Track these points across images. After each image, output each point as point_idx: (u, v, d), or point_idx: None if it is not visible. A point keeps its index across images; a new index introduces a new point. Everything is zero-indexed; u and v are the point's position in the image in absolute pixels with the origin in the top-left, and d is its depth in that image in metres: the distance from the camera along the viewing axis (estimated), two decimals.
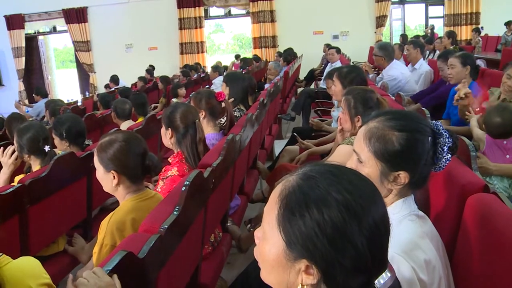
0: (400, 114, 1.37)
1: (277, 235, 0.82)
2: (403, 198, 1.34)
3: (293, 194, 0.82)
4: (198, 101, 2.90)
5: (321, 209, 0.78)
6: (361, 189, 0.82)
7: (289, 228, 0.80)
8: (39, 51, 14.23)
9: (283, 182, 0.86)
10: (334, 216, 0.78)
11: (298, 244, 0.80)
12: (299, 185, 0.82)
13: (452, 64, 3.71)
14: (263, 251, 0.86)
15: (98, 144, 1.92)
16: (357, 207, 0.79)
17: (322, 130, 4.16)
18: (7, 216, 2.18)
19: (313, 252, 0.79)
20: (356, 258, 0.78)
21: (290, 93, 7.91)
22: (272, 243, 0.84)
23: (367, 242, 0.78)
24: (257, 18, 12.16)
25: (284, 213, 0.81)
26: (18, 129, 2.77)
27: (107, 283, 1.11)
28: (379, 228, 0.81)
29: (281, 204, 0.82)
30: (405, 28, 13.12)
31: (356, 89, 2.53)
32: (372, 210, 0.81)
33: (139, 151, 1.93)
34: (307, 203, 0.79)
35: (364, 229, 0.78)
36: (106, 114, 5.00)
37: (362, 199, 0.80)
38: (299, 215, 0.79)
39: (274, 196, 0.85)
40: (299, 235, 0.79)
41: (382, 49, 5.10)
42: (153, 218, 1.52)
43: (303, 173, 0.85)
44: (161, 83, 8.35)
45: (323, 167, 0.85)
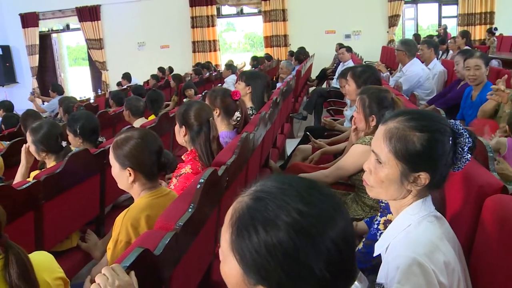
0: (420, 114, 1.35)
1: (233, 260, 0.80)
2: (422, 199, 1.32)
3: (242, 217, 0.79)
4: (213, 99, 2.89)
5: (269, 233, 0.75)
6: (316, 207, 0.78)
7: (242, 253, 0.78)
8: (53, 49, 14.36)
9: (234, 204, 0.83)
10: (284, 240, 0.75)
11: (252, 271, 0.78)
12: (248, 207, 0.79)
13: (477, 65, 3.67)
14: (224, 272, 0.85)
15: (113, 141, 1.93)
16: (310, 229, 0.76)
17: (334, 129, 4.15)
18: (23, 211, 2.20)
19: (269, 279, 0.77)
20: (315, 282, 0.76)
21: (302, 92, 7.90)
22: (230, 267, 0.82)
23: (325, 265, 0.76)
24: (269, 17, 12.13)
25: (235, 239, 0.79)
26: (31, 128, 2.79)
27: (126, 282, 1.11)
28: (338, 248, 0.77)
29: (232, 229, 0.80)
30: (418, 28, 13.00)
31: (371, 89, 2.52)
32: (330, 229, 0.77)
33: (155, 148, 1.92)
34: (255, 226, 0.77)
35: (321, 253, 0.75)
36: (119, 112, 5.03)
37: (316, 219, 0.77)
38: (249, 239, 0.77)
39: (227, 220, 0.83)
40: (251, 262, 0.77)
41: (404, 44, 5.06)
42: (168, 215, 1.52)
43: (253, 193, 0.81)
44: (173, 81, 8.37)
45: (275, 184, 0.81)
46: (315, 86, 9.25)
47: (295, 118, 6.60)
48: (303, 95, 8.14)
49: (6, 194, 1.99)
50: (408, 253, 1.19)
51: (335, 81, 7.35)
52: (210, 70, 10.16)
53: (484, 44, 9.48)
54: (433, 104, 4.43)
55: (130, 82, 9.83)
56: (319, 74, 9.77)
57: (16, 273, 1.35)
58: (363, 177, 1.42)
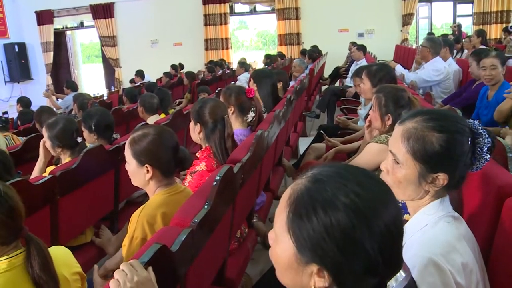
0: (439, 114, 1.33)
1: (288, 239, 0.82)
2: (440, 199, 1.30)
3: (301, 198, 0.81)
4: (228, 96, 2.89)
5: (328, 213, 0.77)
6: (371, 191, 0.80)
7: (298, 232, 0.80)
8: (67, 46, 14.50)
9: (292, 186, 0.85)
10: (342, 221, 0.76)
11: (307, 249, 0.79)
12: (307, 188, 0.81)
13: (493, 65, 3.62)
14: (276, 253, 0.86)
15: (130, 138, 1.91)
16: (366, 211, 0.77)
17: (348, 128, 4.13)
18: (39, 206, 2.22)
19: (323, 257, 0.78)
20: (367, 263, 0.77)
21: (314, 91, 7.88)
22: (283, 247, 0.83)
23: (378, 246, 0.77)
24: (282, 15, 12.11)
25: (293, 218, 0.81)
26: (47, 124, 2.81)
27: (145, 278, 1.11)
28: (390, 232, 0.79)
29: (289, 208, 0.82)
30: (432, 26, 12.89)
31: (388, 87, 2.50)
32: (383, 213, 0.79)
33: (172, 144, 1.92)
34: (315, 207, 0.78)
35: (375, 234, 0.77)
36: (132, 109, 5.06)
37: (372, 202, 0.79)
38: (307, 219, 0.79)
39: (284, 200, 0.84)
40: (308, 240, 0.79)
41: (430, 41, 5.03)
42: (184, 212, 1.53)
43: (312, 176, 0.83)
44: (186, 78, 8.39)
45: (332, 169, 0.84)
46: (328, 84, 9.22)
47: (308, 117, 6.58)
48: (316, 94, 8.12)
49: (23, 189, 2.00)
50: (424, 253, 1.18)
51: (348, 79, 7.32)
52: (223, 68, 10.18)
53: (501, 43, 9.36)
54: (449, 104, 4.40)
55: (143, 79, 9.87)
56: (332, 73, 9.74)
57: (38, 265, 1.37)
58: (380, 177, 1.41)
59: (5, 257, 1.38)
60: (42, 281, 1.37)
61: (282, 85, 4.74)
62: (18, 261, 1.39)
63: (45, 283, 1.38)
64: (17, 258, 1.40)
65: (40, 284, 1.38)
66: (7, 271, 1.37)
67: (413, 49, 8.79)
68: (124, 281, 1.08)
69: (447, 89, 4.89)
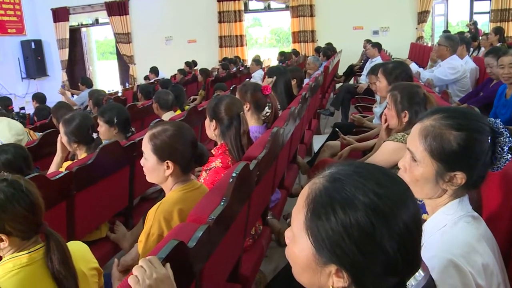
0: (457, 112, 1.30)
1: (306, 239, 0.81)
2: (458, 199, 1.28)
3: (319, 198, 0.80)
4: (244, 93, 2.88)
5: (347, 213, 0.76)
6: (390, 190, 0.79)
7: (317, 232, 0.79)
8: (82, 43, 14.64)
9: (309, 185, 0.84)
10: (361, 220, 0.75)
11: (326, 249, 0.78)
12: (325, 188, 0.80)
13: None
14: (293, 253, 0.85)
15: (149, 133, 1.88)
16: (386, 210, 0.76)
17: (363, 126, 4.10)
18: (56, 201, 2.24)
19: (342, 258, 0.77)
20: (387, 263, 0.76)
21: (329, 89, 7.84)
22: (301, 247, 0.82)
23: (397, 246, 0.76)
24: (297, 12, 12.08)
25: (311, 218, 0.80)
26: (63, 120, 2.84)
27: (163, 275, 1.11)
28: (410, 231, 0.78)
29: (308, 208, 0.81)
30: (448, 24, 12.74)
31: (402, 85, 2.48)
32: (402, 212, 0.77)
33: (191, 139, 1.90)
34: (333, 206, 0.77)
35: (394, 233, 0.76)
36: (147, 105, 5.08)
37: (391, 201, 0.77)
38: (326, 219, 0.78)
39: (302, 199, 0.83)
40: (326, 240, 0.78)
41: (448, 40, 4.97)
42: (201, 208, 1.53)
43: (330, 175, 0.82)
44: (200, 75, 8.40)
45: (350, 168, 0.83)
46: (342, 82, 9.18)
47: (322, 114, 6.55)
48: (330, 91, 8.08)
49: (41, 184, 2.01)
50: (444, 254, 1.16)
51: (363, 77, 7.27)
52: (237, 65, 10.18)
53: None
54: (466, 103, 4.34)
55: (158, 76, 9.91)
56: (346, 71, 9.69)
57: (58, 259, 1.38)
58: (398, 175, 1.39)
59: (26, 252, 1.40)
60: (61, 276, 1.39)
61: (297, 82, 4.73)
62: (38, 255, 1.41)
63: (64, 278, 1.39)
64: (37, 252, 1.41)
65: (59, 278, 1.39)
66: (27, 265, 1.39)
67: (429, 47, 8.71)
68: (143, 278, 1.08)
69: (464, 88, 4.83)
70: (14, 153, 2.29)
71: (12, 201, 1.35)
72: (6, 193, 1.35)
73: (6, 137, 3.30)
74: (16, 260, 1.39)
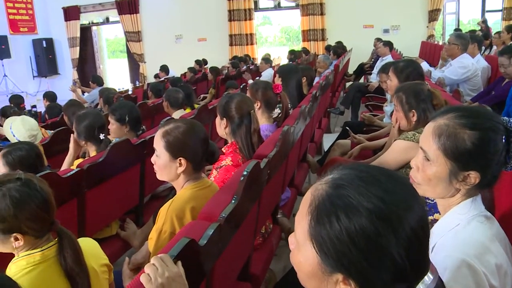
0: (471, 111, 1.29)
1: (310, 247, 0.79)
2: (471, 198, 1.27)
3: (322, 205, 0.78)
4: (255, 91, 2.87)
5: (352, 220, 0.74)
6: (395, 194, 0.77)
7: (322, 241, 0.77)
8: (93, 41, 14.73)
9: (311, 191, 0.82)
10: (367, 227, 0.73)
11: (332, 258, 0.76)
12: (328, 194, 0.78)
13: None
14: (298, 261, 0.83)
15: (162, 131, 1.87)
16: (392, 216, 0.74)
17: (374, 125, 4.08)
18: (67, 198, 2.26)
19: (348, 266, 0.75)
20: (394, 270, 0.74)
21: (339, 87, 7.81)
22: (306, 255, 0.80)
23: (405, 252, 0.74)
24: (307, 10, 12.03)
25: (315, 226, 0.78)
26: (77, 115, 2.88)
27: (175, 273, 1.10)
28: (417, 235, 0.76)
29: (311, 216, 0.79)
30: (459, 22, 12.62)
31: (406, 85, 2.48)
32: (409, 217, 0.76)
33: (204, 136, 1.90)
34: (337, 214, 0.75)
35: (401, 240, 0.74)
36: (157, 103, 5.10)
37: (396, 206, 0.76)
38: (330, 227, 0.76)
39: (304, 207, 0.81)
40: (332, 249, 0.76)
41: (459, 38, 4.93)
42: (211, 206, 1.53)
43: (332, 180, 0.80)
44: (210, 73, 8.41)
45: (353, 172, 0.80)
46: (353, 81, 9.14)
47: (332, 113, 6.53)
48: (340, 90, 8.05)
49: (53, 181, 2.02)
50: (457, 254, 1.15)
51: (374, 76, 7.23)
52: (247, 64, 10.17)
53: None
54: (477, 102, 4.30)
55: (168, 74, 9.94)
56: (356, 69, 9.64)
57: (71, 257, 1.39)
58: (410, 174, 1.38)
59: (38, 250, 1.41)
60: (74, 273, 1.40)
61: (307, 81, 4.71)
62: (50, 253, 1.42)
63: (77, 275, 1.40)
64: (50, 250, 1.42)
65: (72, 275, 1.40)
66: (40, 263, 1.40)
67: (439, 45, 8.64)
68: (155, 276, 1.08)
69: (475, 87, 4.79)
70: (27, 150, 2.30)
71: (27, 201, 1.36)
72: (21, 193, 1.36)
73: (21, 133, 3.33)
74: (29, 258, 1.40)
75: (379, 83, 5.11)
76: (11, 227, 1.36)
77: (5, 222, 1.35)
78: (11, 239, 1.38)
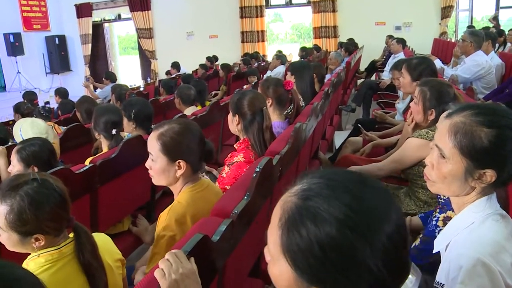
0: (488, 108, 1.27)
1: (284, 262, 0.77)
2: (487, 196, 1.26)
3: (292, 219, 0.76)
4: (266, 88, 2.86)
5: (321, 232, 0.72)
6: (367, 202, 0.75)
7: (295, 256, 0.75)
8: (104, 38, 14.80)
9: (281, 204, 0.80)
10: (337, 238, 0.72)
11: (306, 272, 0.75)
12: (297, 207, 0.76)
13: None
14: (274, 274, 0.82)
15: (156, 133, 1.78)
16: (364, 227, 0.72)
17: (385, 122, 4.06)
18: (80, 194, 2.27)
19: (323, 280, 0.74)
20: (372, 280, 0.73)
21: (350, 85, 7.78)
22: (281, 269, 0.79)
23: (382, 262, 0.72)
24: (318, 7, 11.97)
25: (286, 240, 0.76)
26: (97, 107, 2.95)
27: (189, 270, 1.11)
28: (394, 244, 0.74)
29: (282, 231, 0.77)
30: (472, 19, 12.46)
31: (434, 81, 2.44)
32: (384, 224, 0.74)
33: (200, 136, 1.83)
34: (307, 228, 0.73)
35: (377, 250, 0.72)
36: (169, 100, 5.11)
37: (369, 215, 0.74)
38: (301, 240, 0.74)
39: (275, 220, 0.80)
40: (305, 264, 0.74)
41: (473, 35, 4.87)
42: (224, 203, 1.53)
43: (301, 192, 0.78)
44: (222, 70, 8.41)
45: (321, 182, 0.78)
46: (364, 78, 9.10)
47: (344, 110, 6.50)
48: (351, 87, 8.01)
49: (66, 177, 2.04)
50: (472, 252, 1.14)
51: (386, 73, 7.19)
52: (258, 61, 10.17)
53: None
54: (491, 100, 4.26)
55: (179, 71, 9.96)
56: (368, 66, 9.60)
57: (89, 252, 1.40)
58: (425, 171, 1.37)
59: (56, 248, 1.42)
60: (92, 268, 1.41)
61: (317, 78, 4.69)
62: (68, 250, 1.43)
63: (95, 269, 1.41)
64: (67, 247, 1.44)
65: (90, 271, 1.41)
66: (58, 260, 1.41)
67: (452, 42, 8.56)
68: (169, 271, 1.08)
69: (489, 84, 4.73)
70: (40, 146, 2.33)
71: (46, 201, 1.37)
72: (39, 194, 1.36)
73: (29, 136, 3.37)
74: (48, 255, 1.41)
75: (392, 80, 5.09)
76: (32, 229, 1.36)
77: (27, 225, 1.35)
78: (31, 240, 1.39)
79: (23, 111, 5.13)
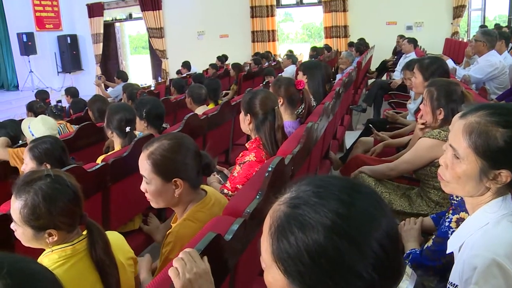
0: (504, 108, 1.26)
1: (276, 269, 0.78)
2: (502, 197, 1.25)
3: (281, 228, 0.76)
4: (277, 88, 2.87)
5: (310, 240, 0.72)
6: (356, 208, 0.75)
7: (285, 264, 0.76)
8: (116, 37, 14.90)
9: (270, 213, 0.81)
10: (325, 245, 0.72)
11: (297, 280, 0.75)
12: (286, 215, 0.76)
13: None
14: (268, 281, 0.82)
15: (146, 153, 1.65)
16: (353, 233, 0.72)
17: (397, 122, 4.04)
18: (92, 192, 2.29)
19: (315, 287, 0.74)
20: (363, 285, 0.73)
21: (361, 84, 7.75)
22: (275, 277, 0.79)
23: (372, 267, 0.72)
24: (329, 7, 11.94)
25: (277, 249, 0.77)
26: (111, 105, 2.96)
27: (203, 270, 1.11)
28: (385, 249, 0.74)
29: (272, 240, 0.77)
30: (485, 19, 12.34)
31: (440, 81, 2.43)
32: (373, 230, 0.74)
33: (195, 149, 1.71)
34: (296, 236, 0.74)
35: (367, 256, 0.72)
36: (180, 99, 5.13)
37: (358, 221, 0.74)
38: (290, 248, 0.74)
39: (266, 229, 0.80)
40: (296, 271, 0.75)
41: (486, 35, 4.82)
42: (236, 202, 1.53)
43: (290, 200, 0.78)
44: (233, 70, 8.42)
45: (309, 189, 0.78)
46: (375, 78, 9.05)
47: (355, 110, 6.48)
48: (362, 87, 7.98)
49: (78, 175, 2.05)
50: (487, 253, 1.14)
51: (397, 73, 7.15)
52: (269, 60, 10.16)
53: None
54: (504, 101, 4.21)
55: (190, 70, 9.98)
56: (379, 66, 9.55)
57: (101, 249, 1.41)
58: (438, 172, 1.36)
59: (69, 244, 1.44)
60: (105, 264, 1.42)
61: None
62: (81, 247, 1.45)
63: (107, 266, 1.42)
64: (80, 244, 1.45)
65: (102, 268, 1.42)
66: (71, 256, 1.42)
67: (464, 42, 8.49)
68: (183, 271, 1.08)
69: (502, 85, 4.68)
70: (52, 143, 2.35)
71: (60, 197, 1.39)
72: (53, 189, 1.39)
73: (41, 131, 3.39)
74: (61, 252, 1.42)
75: (403, 80, 5.05)
76: (46, 224, 1.39)
77: (40, 220, 1.38)
78: (45, 235, 1.41)
79: (36, 110, 5.17)
